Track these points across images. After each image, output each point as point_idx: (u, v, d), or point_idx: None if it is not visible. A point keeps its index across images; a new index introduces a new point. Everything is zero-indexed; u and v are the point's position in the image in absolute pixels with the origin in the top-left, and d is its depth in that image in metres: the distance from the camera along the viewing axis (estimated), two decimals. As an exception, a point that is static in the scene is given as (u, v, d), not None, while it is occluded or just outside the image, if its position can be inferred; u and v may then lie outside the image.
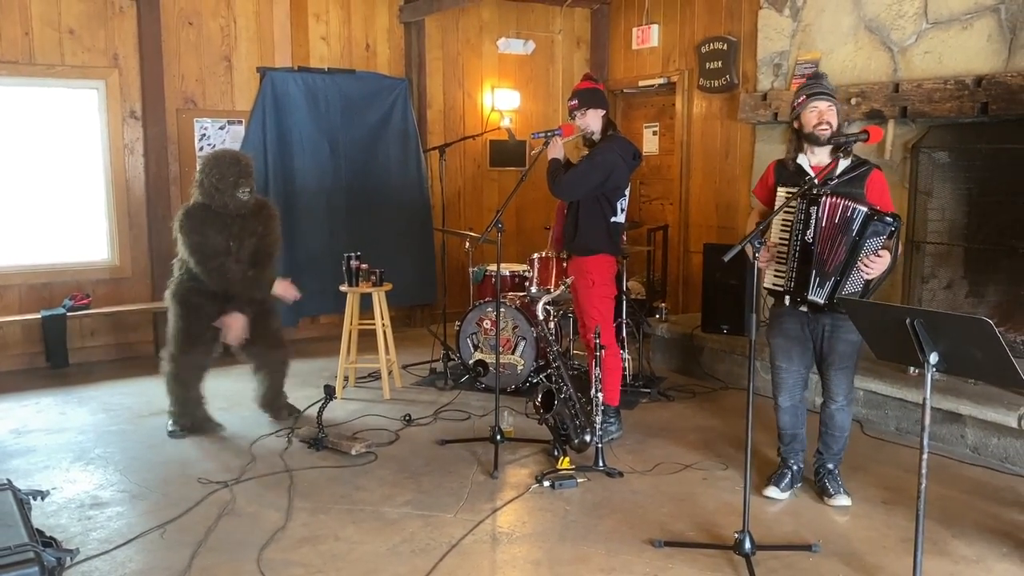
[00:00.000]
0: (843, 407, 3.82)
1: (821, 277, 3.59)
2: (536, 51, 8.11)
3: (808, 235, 3.59)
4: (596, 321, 4.41)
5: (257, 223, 4.72)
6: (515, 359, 5.46)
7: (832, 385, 3.80)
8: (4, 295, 6.16)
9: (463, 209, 8.03)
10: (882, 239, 3.53)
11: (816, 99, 3.68)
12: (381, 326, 5.49)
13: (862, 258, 3.51)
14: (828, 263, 3.57)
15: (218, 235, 4.59)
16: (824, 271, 3.58)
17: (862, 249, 3.51)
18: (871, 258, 3.50)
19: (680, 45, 7.44)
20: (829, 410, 3.83)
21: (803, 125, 3.72)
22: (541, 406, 3.97)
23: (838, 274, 3.56)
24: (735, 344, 5.72)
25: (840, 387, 3.80)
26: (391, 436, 4.69)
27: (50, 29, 6.12)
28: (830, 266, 3.57)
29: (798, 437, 3.94)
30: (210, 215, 4.58)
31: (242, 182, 4.53)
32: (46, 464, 4.28)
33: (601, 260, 4.49)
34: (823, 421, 3.88)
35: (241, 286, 4.63)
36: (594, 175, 4.40)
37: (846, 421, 3.86)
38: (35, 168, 6.24)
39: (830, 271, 3.57)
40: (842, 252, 3.54)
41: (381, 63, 7.51)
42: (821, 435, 3.90)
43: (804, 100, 3.71)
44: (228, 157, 4.57)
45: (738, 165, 6.97)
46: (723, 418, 5.07)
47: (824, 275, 3.58)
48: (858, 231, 3.51)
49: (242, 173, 4.53)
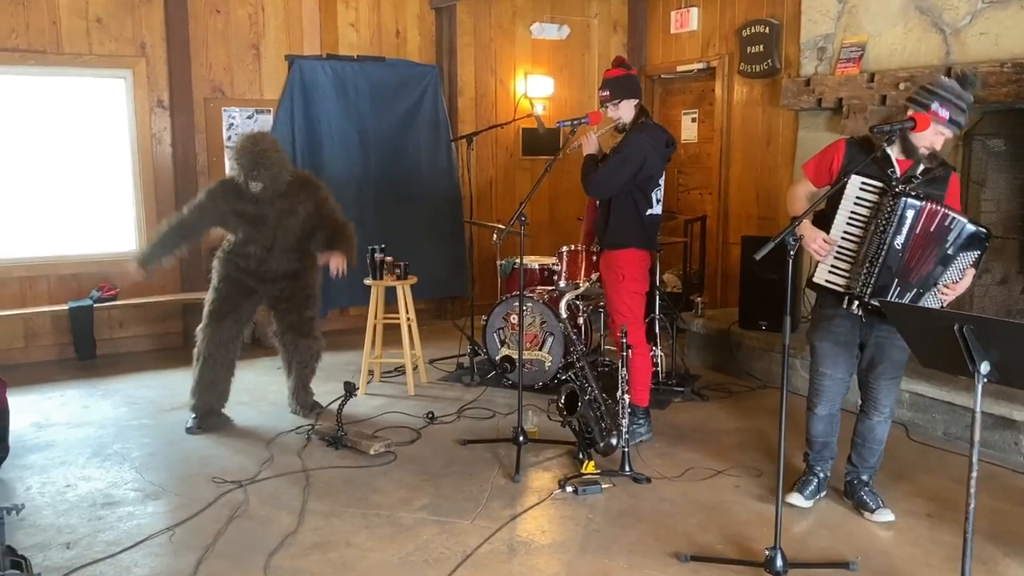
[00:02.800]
0: (887, 419, 3.58)
1: (903, 287, 3.31)
2: (571, 36, 7.89)
3: (899, 240, 3.25)
4: (624, 318, 4.22)
5: (298, 202, 4.57)
6: (542, 355, 5.29)
7: (879, 395, 3.55)
8: (33, 286, 6.15)
9: (495, 199, 7.86)
10: (973, 256, 3.26)
11: (950, 127, 3.23)
12: (406, 320, 5.35)
13: (945, 277, 3.26)
14: (913, 273, 3.29)
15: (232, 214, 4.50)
16: (908, 281, 3.30)
17: (951, 265, 3.25)
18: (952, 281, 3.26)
19: (720, 29, 7.16)
20: (870, 421, 3.59)
21: (917, 136, 3.24)
22: (564, 408, 3.79)
23: (921, 287, 3.29)
24: (774, 341, 5.48)
25: (888, 398, 3.56)
26: (412, 435, 4.56)
27: (78, 18, 6.08)
28: (915, 276, 3.29)
29: (829, 446, 3.71)
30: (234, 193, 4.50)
31: (253, 174, 4.38)
32: (63, 460, 4.23)
33: (631, 254, 4.29)
34: (860, 433, 3.63)
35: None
36: (626, 168, 4.20)
37: (886, 433, 3.62)
38: (63, 159, 6.21)
39: (914, 282, 3.30)
40: (929, 263, 3.27)
41: (411, 50, 7.36)
42: (856, 446, 3.66)
43: (944, 121, 3.19)
44: (245, 145, 4.40)
45: (780, 153, 6.69)
46: (759, 420, 4.84)
47: (907, 285, 3.31)
48: (953, 245, 3.23)
49: (254, 164, 4.36)
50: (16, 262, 6.08)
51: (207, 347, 4.61)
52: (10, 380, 5.56)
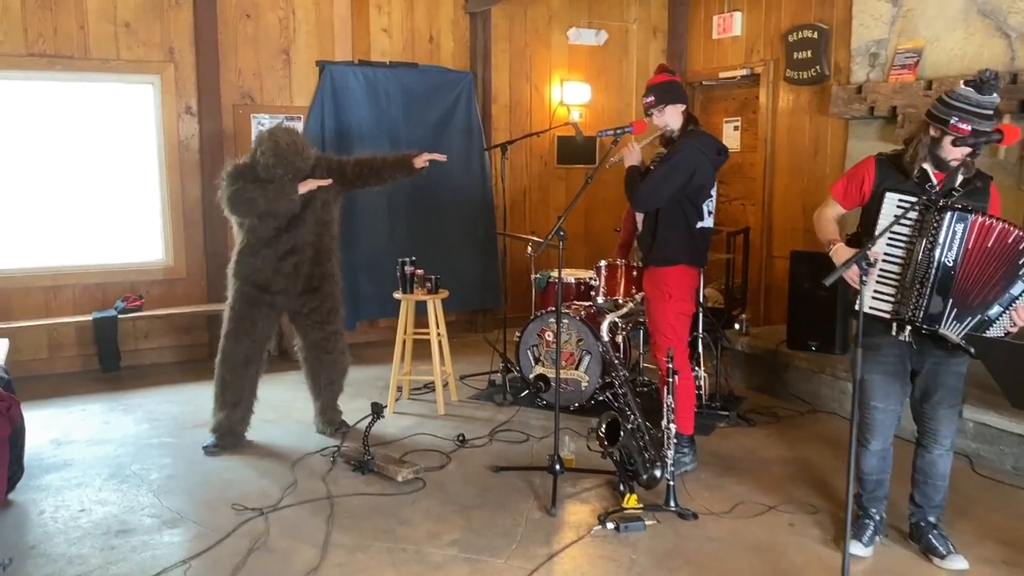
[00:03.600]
0: (948, 451, 3.29)
1: (960, 310, 3.01)
2: (609, 42, 7.64)
3: (949, 257, 2.98)
4: (669, 340, 3.96)
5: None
6: (579, 375, 5.04)
7: (938, 427, 3.26)
8: (58, 296, 6.03)
9: (528, 209, 7.63)
10: None
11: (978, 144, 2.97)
12: (436, 336, 5.14)
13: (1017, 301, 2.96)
14: (973, 294, 3.00)
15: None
16: (965, 303, 3.01)
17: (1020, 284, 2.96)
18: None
19: (765, 34, 6.88)
20: (931, 456, 3.30)
21: (941, 146, 3.05)
22: (605, 438, 3.54)
23: (985, 310, 3.00)
24: (824, 363, 5.18)
25: (947, 428, 3.27)
26: (442, 459, 4.33)
27: (106, 22, 5.95)
28: (976, 298, 3.00)
29: (883, 484, 3.42)
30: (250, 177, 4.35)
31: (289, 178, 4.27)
32: (79, 481, 4.05)
33: (680, 272, 4.04)
34: (921, 469, 3.34)
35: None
36: (674, 178, 3.94)
37: (948, 467, 3.32)
38: (89, 166, 6.09)
39: (975, 305, 3.00)
40: (997, 286, 2.97)
41: (445, 56, 7.16)
42: (917, 484, 3.36)
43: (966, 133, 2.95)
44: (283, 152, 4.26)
45: (828, 164, 6.39)
46: (811, 448, 4.55)
47: (965, 308, 3.01)
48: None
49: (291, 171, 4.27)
50: (41, 271, 5.96)
51: (226, 369, 4.44)
52: (33, 392, 5.49)
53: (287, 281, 4.42)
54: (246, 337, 4.42)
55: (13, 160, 5.86)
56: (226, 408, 4.48)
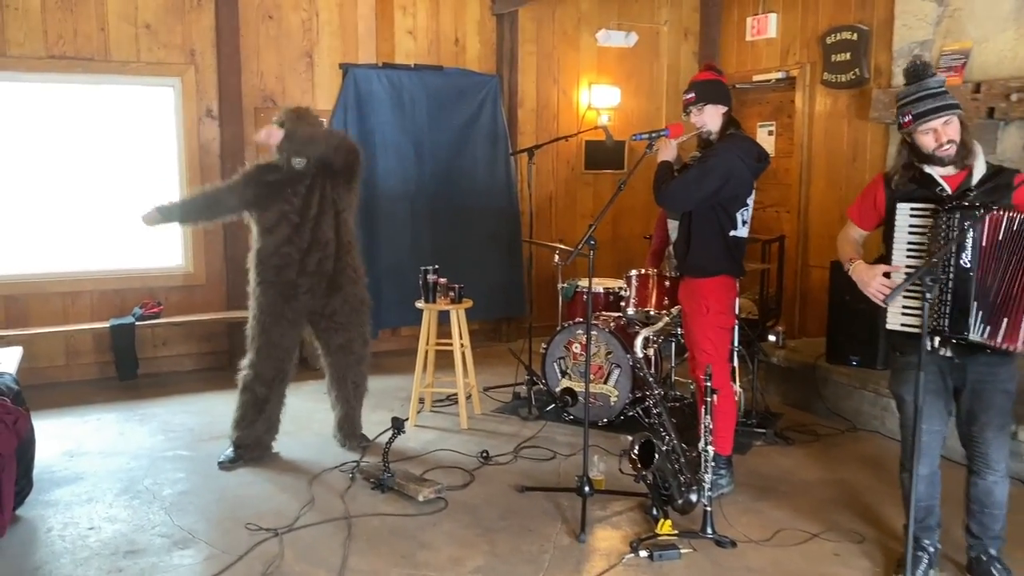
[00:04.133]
0: (1003, 477, 3.06)
1: (986, 311, 2.83)
2: (639, 44, 7.44)
3: (964, 259, 2.83)
4: (708, 356, 3.75)
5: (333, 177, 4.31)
6: (608, 389, 4.83)
7: (988, 451, 3.03)
8: (75, 302, 5.92)
9: (555, 216, 7.44)
10: None
11: (928, 119, 2.91)
12: (459, 347, 4.96)
13: None
14: (996, 292, 2.81)
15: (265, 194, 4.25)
16: (990, 302, 2.82)
17: None
18: None
19: (801, 36, 6.64)
20: (985, 483, 3.06)
21: (917, 146, 2.98)
22: (638, 460, 3.33)
23: (1013, 304, 2.80)
24: (866, 378, 4.93)
25: (999, 453, 3.03)
26: (465, 477, 4.14)
27: (126, 24, 5.85)
28: (999, 295, 2.81)
29: (933, 511, 3.18)
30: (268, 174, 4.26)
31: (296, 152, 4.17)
32: (90, 496, 3.91)
33: (720, 283, 3.82)
34: (975, 498, 3.10)
35: None
36: (707, 182, 3.72)
37: (1005, 494, 3.08)
38: (109, 169, 5.98)
39: (1000, 301, 2.81)
40: (1017, 278, 2.79)
41: (471, 58, 7.00)
42: (973, 514, 3.12)
43: (910, 122, 2.95)
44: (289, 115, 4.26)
45: (868, 170, 6.14)
46: (853, 470, 4.31)
47: (991, 307, 2.83)
48: None
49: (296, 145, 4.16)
50: (58, 276, 5.86)
51: (259, 384, 4.28)
52: (48, 401, 5.38)
53: (312, 280, 4.26)
54: (275, 349, 4.27)
55: (32, 164, 5.76)
56: (257, 421, 4.33)
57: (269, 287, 4.24)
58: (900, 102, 3.01)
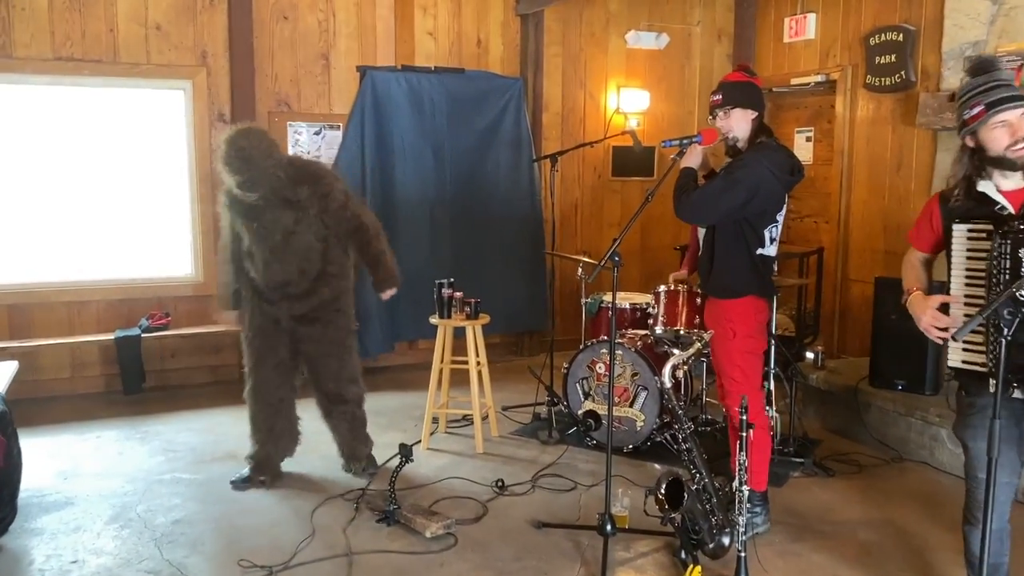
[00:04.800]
0: None
1: None
2: (670, 46, 7.12)
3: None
4: (738, 384, 3.43)
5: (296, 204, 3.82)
6: (634, 413, 4.52)
7: None
8: (81, 312, 5.72)
9: (580, 225, 7.14)
10: None
11: (1002, 110, 2.51)
12: (475, 365, 4.67)
13: None
14: None
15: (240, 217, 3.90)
16: None
17: None
18: None
19: (843, 37, 6.29)
20: None
21: (985, 146, 2.57)
22: (666, 500, 3.02)
23: None
24: (913, 404, 4.56)
25: None
26: (478, 509, 3.85)
27: (136, 25, 5.64)
28: None
29: (1001, 569, 2.81)
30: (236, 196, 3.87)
31: (245, 186, 3.72)
32: (78, 524, 3.67)
33: (746, 305, 3.49)
34: None
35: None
36: (732, 195, 3.38)
37: None
38: (117, 175, 5.78)
39: None
40: None
41: (493, 61, 6.72)
42: None
43: (982, 113, 2.54)
44: (228, 151, 3.70)
45: (913, 179, 5.77)
46: (902, 507, 3.95)
47: None
48: None
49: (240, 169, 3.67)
50: (64, 286, 5.66)
51: (255, 403, 4.08)
52: (50, 415, 5.18)
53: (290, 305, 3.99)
54: (270, 370, 4.04)
55: (37, 169, 5.57)
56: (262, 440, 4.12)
57: (257, 312, 4.03)
58: (967, 94, 2.60)
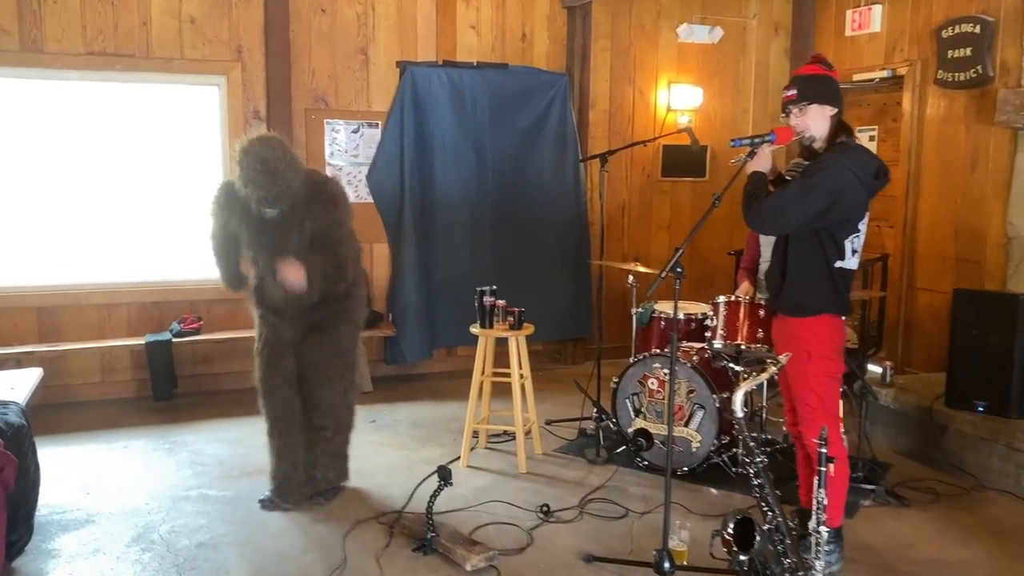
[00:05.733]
0: None
1: None
2: (724, 40, 6.76)
3: None
4: (813, 410, 3.11)
5: (306, 214, 3.62)
6: (689, 433, 4.20)
7: None
8: (112, 315, 5.56)
9: (627, 227, 6.81)
10: None
11: None
12: (519, 378, 4.39)
13: None
14: None
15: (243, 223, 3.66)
16: None
17: None
18: None
19: (912, 29, 5.89)
20: None
21: None
22: (734, 541, 2.71)
23: None
24: (997, 429, 4.18)
25: None
26: (521, 538, 3.56)
27: (169, 18, 5.45)
28: None
29: None
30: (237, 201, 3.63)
31: (267, 202, 3.49)
32: (97, 546, 3.46)
33: (822, 323, 3.16)
34: None
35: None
36: (811, 201, 3.05)
37: None
38: (148, 174, 5.59)
39: None
40: None
41: (538, 55, 6.43)
42: None
43: None
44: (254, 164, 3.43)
45: (989, 181, 5.36)
46: (990, 544, 3.58)
47: None
48: None
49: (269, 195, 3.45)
50: (94, 288, 5.50)
51: (269, 416, 3.86)
52: (79, 422, 5.01)
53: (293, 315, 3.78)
54: (281, 381, 3.82)
55: (67, 167, 5.40)
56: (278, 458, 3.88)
57: (263, 320, 3.85)
58: None
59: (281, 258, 3.59)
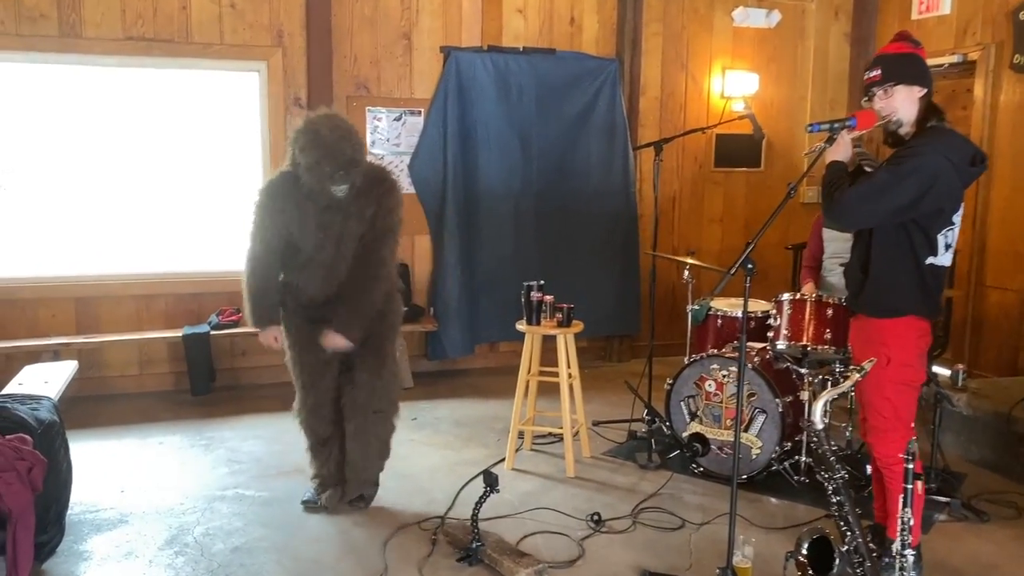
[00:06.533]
0: None
1: None
2: (782, 24, 6.47)
3: None
4: (887, 421, 2.87)
5: (367, 203, 3.41)
6: (749, 439, 3.95)
7: None
8: (150, 306, 5.45)
9: (677, 219, 6.56)
10: None
11: None
12: (567, 378, 4.17)
13: None
14: None
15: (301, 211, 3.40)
16: None
17: None
18: None
19: (985, 10, 5.55)
20: None
21: None
22: (808, 564, 2.47)
23: None
24: (1083, 439, 3.88)
25: None
26: (572, 549, 3.35)
27: (209, 2, 5.32)
28: None
29: None
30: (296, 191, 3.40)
31: (339, 176, 3.28)
32: (129, 548, 3.32)
33: (906, 326, 2.90)
34: None
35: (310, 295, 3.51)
36: (902, 191, 2.79)
37: None
38: (188, 162, 5.47)
39: None
40: None
41: (587, 40, 6.18)
42: None
43: None
44: (325, 142, 3.24)
45: (1070, 173, 5.03)
46: (1079, 565, 3.31)
47: None
48: None
49: (341, 165, 3.26)
50: (132, 278, 5.40)
51: (307, 421, 3.69)
52: (115, 416, 4.92)
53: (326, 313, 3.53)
54: (318, 385, 3.63)
55: (105, 154, 5.30)
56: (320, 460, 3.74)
57: (292, 315, 3.61)
58: None
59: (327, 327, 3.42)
